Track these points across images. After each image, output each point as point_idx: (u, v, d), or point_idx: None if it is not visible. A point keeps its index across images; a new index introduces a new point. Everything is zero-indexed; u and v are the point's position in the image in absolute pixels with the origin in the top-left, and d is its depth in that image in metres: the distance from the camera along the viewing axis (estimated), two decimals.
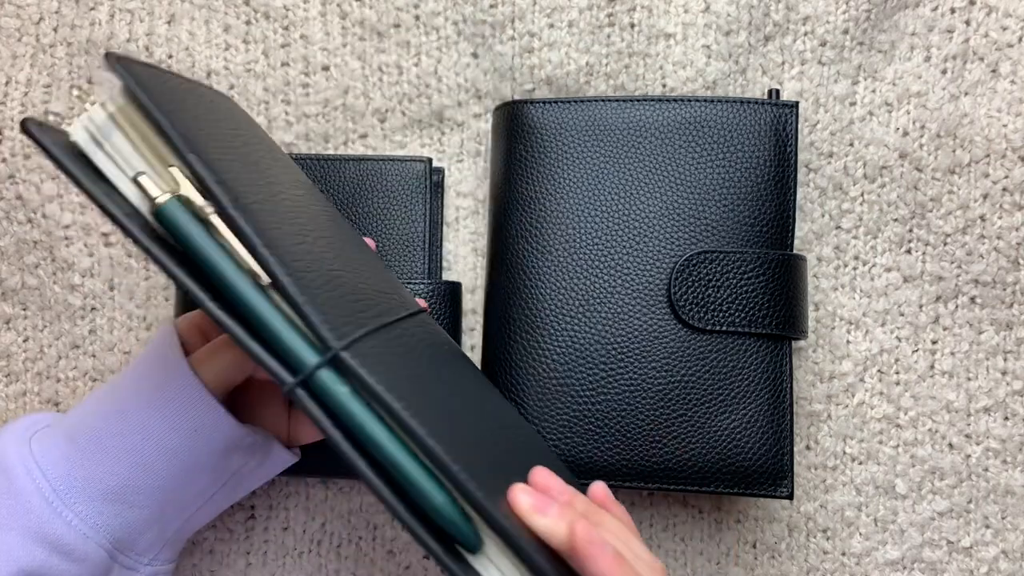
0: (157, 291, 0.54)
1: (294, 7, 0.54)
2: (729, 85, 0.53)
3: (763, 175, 0.48)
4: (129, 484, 0.40)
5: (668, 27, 0.53)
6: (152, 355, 0.42)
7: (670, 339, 0.47)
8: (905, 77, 0.53)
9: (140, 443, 0.40)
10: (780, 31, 0.53)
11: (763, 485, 0.46)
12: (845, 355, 0.53)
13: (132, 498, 0.41)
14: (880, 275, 0.53)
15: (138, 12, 0.54)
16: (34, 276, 0.54)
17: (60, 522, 0.39)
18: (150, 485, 0.41)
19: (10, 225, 0.54)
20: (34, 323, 0.54)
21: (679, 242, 0.48)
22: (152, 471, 0.41)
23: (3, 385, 0.55)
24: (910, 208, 0.53)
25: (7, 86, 0.55)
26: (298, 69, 0.54)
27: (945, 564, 0.52)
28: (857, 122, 0.53)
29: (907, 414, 0.53)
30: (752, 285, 0.47)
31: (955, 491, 0.52)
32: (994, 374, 0.53)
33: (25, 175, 0.54)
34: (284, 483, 0.53)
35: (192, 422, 0.40)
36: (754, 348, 0.47)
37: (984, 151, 0.53)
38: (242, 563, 0.52)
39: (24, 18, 0.55)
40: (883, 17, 0.53)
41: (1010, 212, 0.52)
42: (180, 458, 0.41)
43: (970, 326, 0.53)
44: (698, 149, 0.48)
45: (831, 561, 0.52)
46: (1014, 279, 0.53)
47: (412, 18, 0.54)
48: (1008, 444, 0.52)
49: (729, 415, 0.46)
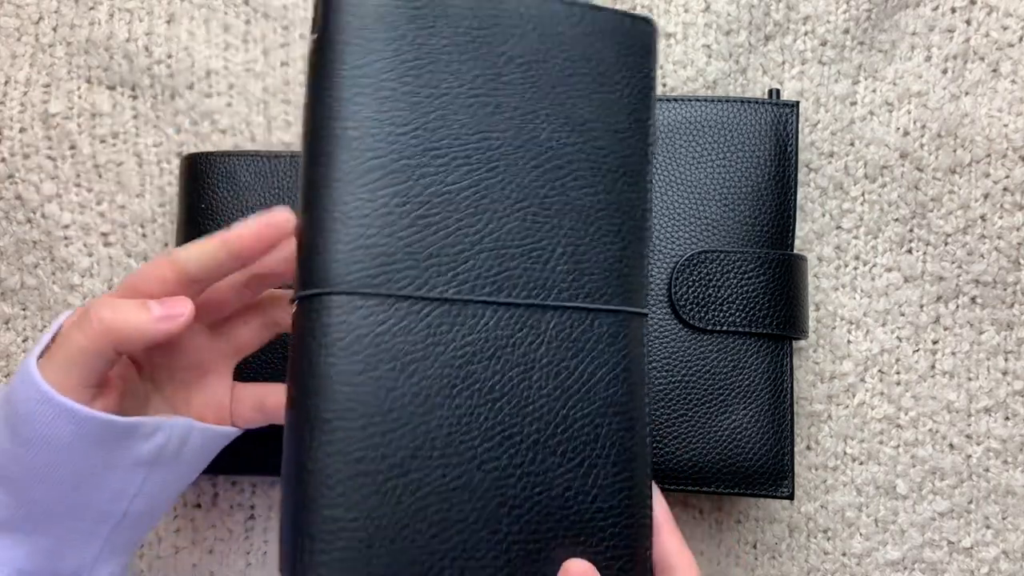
0: None
1: (294, 7, 0.54)
2: (729, 85, 0.53)
3: (764, 175, 0.48)
4: (16, 514, 0.37)
5: (668, 27, 0.53)
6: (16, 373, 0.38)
7: (670, 339, 0.47)
8: (906, 77, 0.53)
9: (7, 470, 0.37)
10: (780, 31, 0.53)
11: (764, 485, 0.46)
12: (846, 355, 0.53)
13: (23, 526, 0.37)
14: (881, 275, 0.53)
15: (137, 12, 0.54)
16: (33, 276, 0.54)
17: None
18: (36, 512, 0.37)
19: (9, 225, 0.54)
20: (33, 323, 0.54)
21: (679, 242, 0.48)
22: (31, 498, 0.37)
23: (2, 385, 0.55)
24: (911, 208, 0.53)
25: (6, 86, 0.55)
26: (298, 69, 0.54)
27: (946, 564, 0.52)
28: (858, 122, 0.53)
29: (908, 414, 0.53)
30: (752, 285, 0.47)
31: (956, 491, 0.52)
32: (995, 374, 0.53)
33: (25, 175, 0.54)
34: None
35: (51, 435, 0.35)
36: (755, 348, 0.47)
37: (985, 151, 0.52)
38: (242, 563, 0.52)
39: (23, 18, 0.55)
40: (883, 17, 0.53)
41: (1011, 212, 0.52)
42: (56, 476, 0.36)
43: (971, 326, 0.53)
44: (698, 149, 0.48)
45: (832, 561, 0.52)
46: (1015, 279, 0.52)
47: None
48: (1009, 444, 0.52)
49: (729, 415, 0.46)
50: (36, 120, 0.54)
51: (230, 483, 0.52)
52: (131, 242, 0.54)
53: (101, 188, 0.54)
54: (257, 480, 0.52)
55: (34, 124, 0.54)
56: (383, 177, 0.34)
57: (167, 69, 0.54)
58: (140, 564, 0.52)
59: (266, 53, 0.54)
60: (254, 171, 0.51)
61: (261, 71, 0.54)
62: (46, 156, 0.54)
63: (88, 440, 0.36)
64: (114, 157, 0.54)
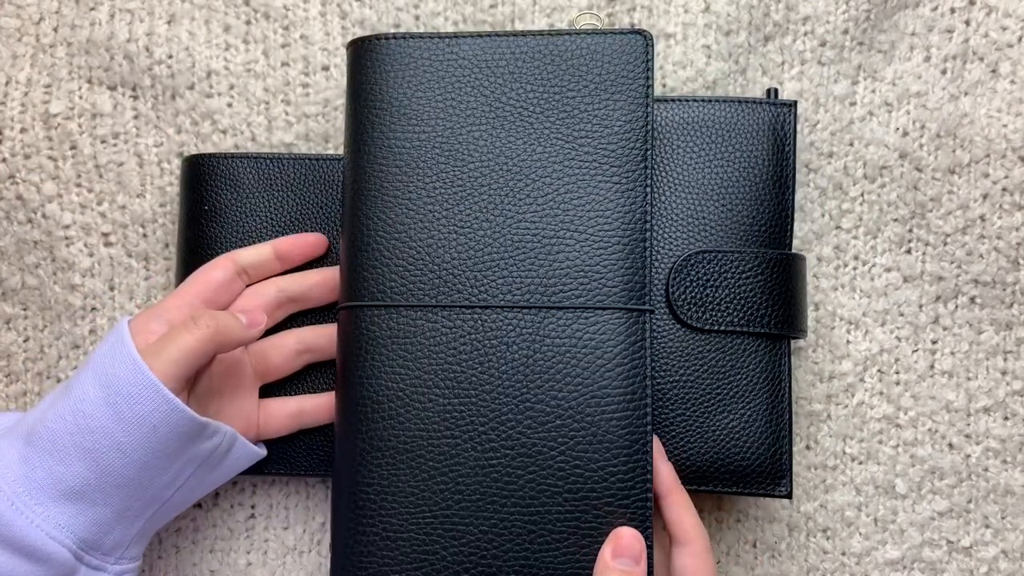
0: (157, 291, 0.54)
1: (294, 7, 0.55)
2: (729, 85, 0.53)
3: (762, 174, 0.48)
4: (89, 483, 0.40)
5: (668, 27, 0.53)
6: (104, 350, 0.42)
7: (668, 339, 0.47)
8: (905, 77, 0.53)
9: (95, 442, 0.40)
10: (780, 31, 0.53)
11: (762, 484, 0.46)
12: (845, 355, 0.53)
13: (93, 496, 0.41)
14: (880, 275, 0.53)
15: (138, 12, 0.55)
16: (34, 276, 0.54)
17: (23, 523, 0.39)
18: (109, 483, 0.41)
19: (10, 225, 0.54)
20: (34, 323, 0.55)
21: (677, 241, 0.48)
22: (109, 470, 0.40)
23: (3, 385, 0.55)
24: (910, 208, 0.53)
25: (7, 86, 0.55)
26: (298, 69, 0.54)
27: (945, 564, 0.52)
28: (857, 122, 0.53)
29: (907, 414, 0.53)
30: (751, 284, 0.47)
31: (955, 491, 0.52)
32: (994, 374, 0.53)
33: (25, 175, 0.54)
34: (284, 483, 0.53)
35: (146, 418, 0.40)
36: (753, 347, 0.47)
37: (984, 151, 0.53)
38: (243, 562, 0.52)
39: (24, 18, 0.55)
40: (883, 17, 0.53)
41: (1010, 212, 0.52)
42: (136, 455, 0.40)
43: (970, 326, 0.53)
44: (697, 148, 0.48)
45: (831, 561, 0.52)
46: (1014, 279, 0.53)
47: (412, 18, 0.54)
48: (1008, 444, 0.52)
49: (728, 414, 0.46)
50: (37, 120, 0.54)
51: (231, 483, 0.52)
52: (132, 242, 0.54)
53: (102, 188, 0.54)
54: (257, 480, 0.53)
55: (35, 124, 0.54)
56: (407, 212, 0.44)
57: (168, 69, 0.54)
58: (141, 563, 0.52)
59: (267, 53, 0.54)
60: (257, 173, 0.51)
61: (262, 71, 0.54)
62: (47, 156, 0.54)
63: (173, 429, 0.41)
64: (115, 157, 0.54)
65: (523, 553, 0.42)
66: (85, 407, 0.40)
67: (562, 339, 0.43)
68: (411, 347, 0.43)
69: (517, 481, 0.42)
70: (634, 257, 0.43)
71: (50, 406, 0.42)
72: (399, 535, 0.42)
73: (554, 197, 0.44)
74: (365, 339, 0.44)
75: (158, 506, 0.44)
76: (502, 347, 0.43)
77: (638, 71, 0.45)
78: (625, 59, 0.45)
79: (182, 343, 0.41)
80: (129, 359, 0.41)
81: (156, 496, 0.43)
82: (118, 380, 0.40)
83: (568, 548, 0.42)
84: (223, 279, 0.47)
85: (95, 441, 0.40)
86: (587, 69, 0.44)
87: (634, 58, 0.45)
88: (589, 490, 0.42)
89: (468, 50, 0.45)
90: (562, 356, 0.43)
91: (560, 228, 0.43)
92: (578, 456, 0.42)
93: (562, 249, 0.43)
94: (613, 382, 0.42)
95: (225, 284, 0.47)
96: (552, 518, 0.42)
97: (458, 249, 0.44)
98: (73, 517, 0.40)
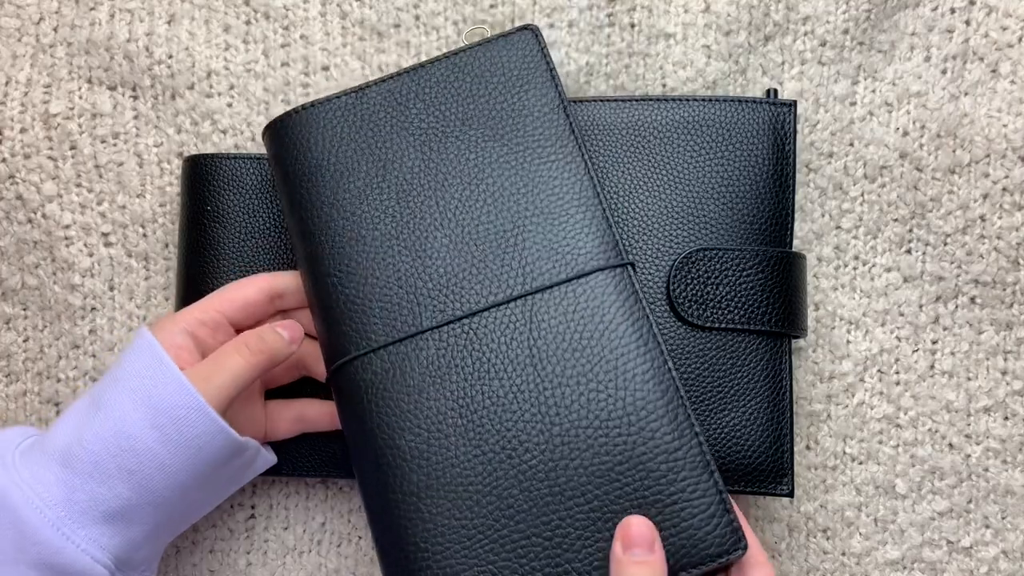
0: (157, 291, 0.54)
1: (294, 7, 0.55)
2: (729, 85, 0.53)
3: (762, 173, 0.48)
4: (130, 503, 0.41)
5: (668, 27, 0.53)
6: (138, 368, 0.42)
7: (669, 337, 0.47)
8: (905, 77, 0.53)
9: (139, 463, 0.40)
10: (780, 31, 0.53)
11: (763, 483, 0.46)
12: (845, 355, 0.53)
13: (131, 516, 0.41)
14: (880, 275, 0.53)
15: (138, 12, 0.55)
16: (34, 276, 0.54)
17: (72, 549, 0.39)
18: (148, 502, 0.41)
19: (10, 225, 0.54)
20: (34, 323, 0.55)
21: (678, 240, 0.48)
22: (151, 490, 0.41)
23: (3, 385, 0.55)
24: (910, 208, 0.53)
25: (7, 86, 0.55)
26: (298, 69, 0.54)
27: (945, 564, 0.52)
28: (857, 122, 0.53)
29: (907, 414, 0.53)
30: (751, 282, 0.47)
31: (955, 491, 0.52)
32: (994, 374, 0.53)
33: (25, 175, 0.54)
34: (284, 483, 0.53)
35: (193, 440, 0.41)
36: (753, 345, 0.47)
37: (984, 151, 0.53)
38: (242, 562, 0.52)
39: (24, 18, 0.55)
40: (883, 17, 0.53)
41: (1010, 212, 0.53)
42: (180, 476, 0.41)
43: (970, 326, 0.53)
44: (697, 148, 0.48)
45: (831, 561, 0.52)
46: (1014, 279, 0.53)
47: (412, 18, 0.54)
48: (1008, 444, 0.52)
49: (729, 412, 0.46)
50: (37, 120, 0.54)
51: None
52: (132, 242, 0.54)
53: (102, 188, 0.54)
54: (257, 480, 0.53)
55: (35, 124, 0.54)
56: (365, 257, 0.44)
57: (168, 69, 0.54)
58: None
59: (267, 53, 0.55)
60: (260, 174, 0.51)
61: (262, 71, 0.54)
62: (47, 156, 0.54)
63: (218, 450, 0.42)
64: (115, 157, 0.54)
65: (596, 544, 0.39)
66: (128, 428, 0.40)
67: (557, 318, 0.42)
68: (411, 380, 0.42)
69: (565, 472, 0.40)
70: (597, 219, 0.44)
71: (84, 426, 0.41)
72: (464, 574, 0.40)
73: (502, 193, 0.44)
74: (363, 389, 0.42)
75: (185, 526, 0.45)
76: (501, 347, 0.42)
77: (537, 60, 0.47)
78: (522, 54, 0.47)
79: (235, 369, 0.42)
80: (176, 382, 0.41)
81: (188, 513, 0.44)
82: (164, 403, 0.40)
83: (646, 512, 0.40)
84: (255, 300, 0.46)
85: (139, 463, 0.40)
86: (492, 74, 0.47)
87: (530, 50, 0.47)
88: (640, 454, 0.40)
89: (377, 96, 0.47)
90: (563, 334, 0.42)
91: (518, 217, 0.44)
92: (617, 424, 0.40)
93: (526, 236, 0.43)
94: (622, 338, 0.41)
95: (255, 305, 0.46)
96: (614, 496, 0.39)
97: (427, 271, 0.43)
98: (111, 537, 0.40)
